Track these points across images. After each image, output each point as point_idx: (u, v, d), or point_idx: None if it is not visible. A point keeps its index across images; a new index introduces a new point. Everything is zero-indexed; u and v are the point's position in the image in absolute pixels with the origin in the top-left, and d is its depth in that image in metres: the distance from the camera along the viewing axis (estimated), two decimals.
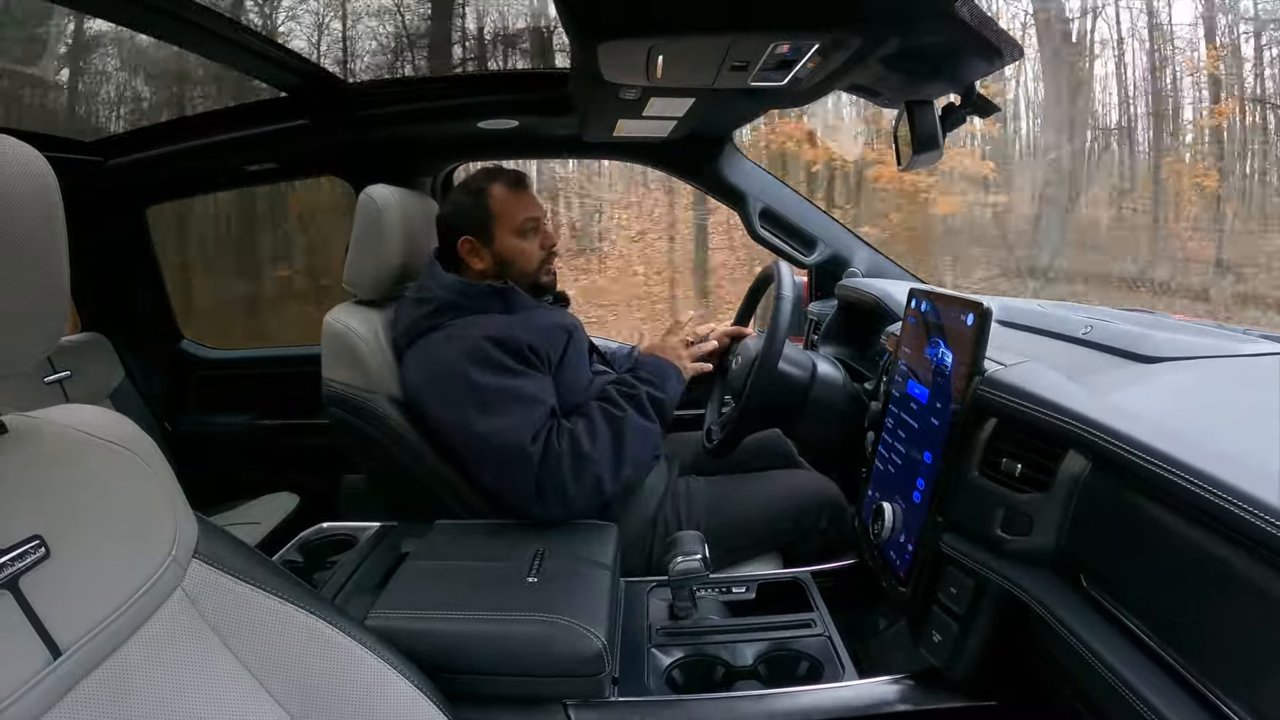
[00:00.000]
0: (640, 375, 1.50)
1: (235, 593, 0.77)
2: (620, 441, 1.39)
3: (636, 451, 1.41)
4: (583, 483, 1.35)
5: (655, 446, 1.47)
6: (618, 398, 1.45)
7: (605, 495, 1.38)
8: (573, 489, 1.34)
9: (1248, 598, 0.61)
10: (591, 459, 1.35)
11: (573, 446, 1.36)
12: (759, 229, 2.29)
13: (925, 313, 1.18)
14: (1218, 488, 0.63)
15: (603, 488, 1.36)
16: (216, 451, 2.66)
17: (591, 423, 1.41)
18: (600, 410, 1.43)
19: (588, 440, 1.37)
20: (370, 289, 1.61)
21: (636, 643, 1.19)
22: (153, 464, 0.75)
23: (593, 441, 1.37)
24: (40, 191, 0.58)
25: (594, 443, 1.37)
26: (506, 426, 1.36)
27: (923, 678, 1.07)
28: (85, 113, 6.05)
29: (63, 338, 0.66)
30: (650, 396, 1.46)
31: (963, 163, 7.05)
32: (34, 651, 0.58)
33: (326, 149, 2.36)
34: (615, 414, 1.42)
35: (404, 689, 0.87)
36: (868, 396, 1.52)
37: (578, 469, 1.34)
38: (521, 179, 1.62)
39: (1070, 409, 0.86)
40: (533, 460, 1.34)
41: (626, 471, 1.40)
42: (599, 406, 1.45)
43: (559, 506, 1.35)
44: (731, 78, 1.40)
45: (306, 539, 1.52)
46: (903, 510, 1.13)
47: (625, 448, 1.39)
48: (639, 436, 1.41)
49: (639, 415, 1.43)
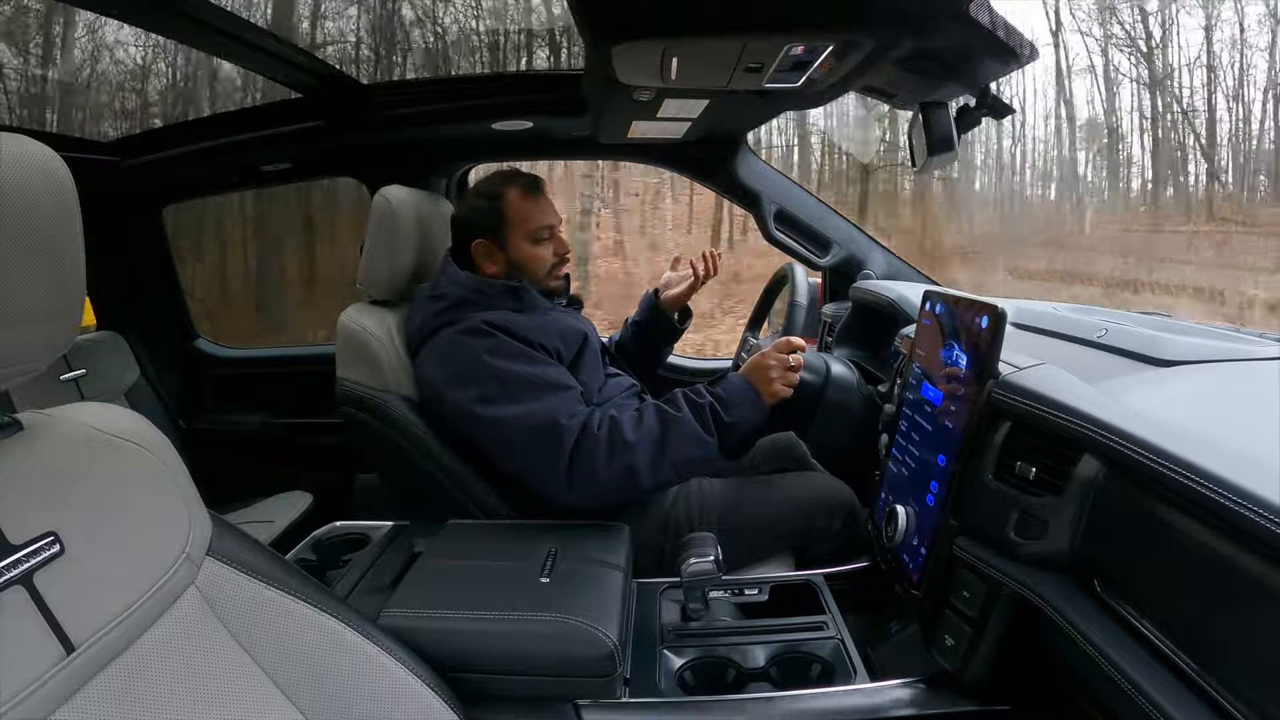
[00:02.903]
0: (715, 390, 1.45)
1: (248, 590, 0.77)
2: (666, 440, 1.37)
3: (682, 455, 1.37)
4: (615, 468, 1.33)
5: (707, 459, 1.41)
6: (680, 400, 1.43)
7: (640, 489, 1.36)
8: (605, 474, 1.33)
9: (1263, 603, 0.60)
10: (630, 448, 1.34)
11: (612, 431, 1.35)
12: (773, 230, 2.28)
13: (940, 315, 1.17)
14: (1233, 492, 0.63)
15: (638, 480, 1.34)
16: (231, 450, 2.68)
17: (640, 415, 1.40)
18: (655, 407, 1.42)
19: (631, 429, 1.36)
20: (384, 289, 1.62)
21: (648, 643, 1.19)
22: (167, 462, 0.76)
23: (635, 432, 1.36)
24: (58, 192, 0.59)
25: (637, 433, 1.36)
26: (539, 409, 1.35)
27: (935, 681, 1.07)
28: (103, 113, 6.11)
29: (78, 336, 0.66)
30: (713, 411, 1.41)
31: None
32: (47, 647, 0.58)
33: (342, 150, 2.38)
34: (669, 413, 1.40)
35: (416, 688, 0.87)
36: (881, 399, 1.51)
37: (613, 454, 1.33)
38: (538, 184, 1.62)
39: (1085, 412, 0.85)
40: (568, 437, 1.33)
41: (666, 473, 1.37)
42: (654, 404, 1.43)
43: (590, 491, 1.34)
44: (746, 79, 1.40)
45: (320, 537, 1.52)
46: (916, 513, 1.13)
47: (670, 448, 1.36)
48: (689, 443, 1.38)
49: (695, 422, 1.39)
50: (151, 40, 5.72)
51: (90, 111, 6.02)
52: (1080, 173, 7.64)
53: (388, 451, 1.50)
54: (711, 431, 1.39)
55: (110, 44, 5.90)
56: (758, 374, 1.47)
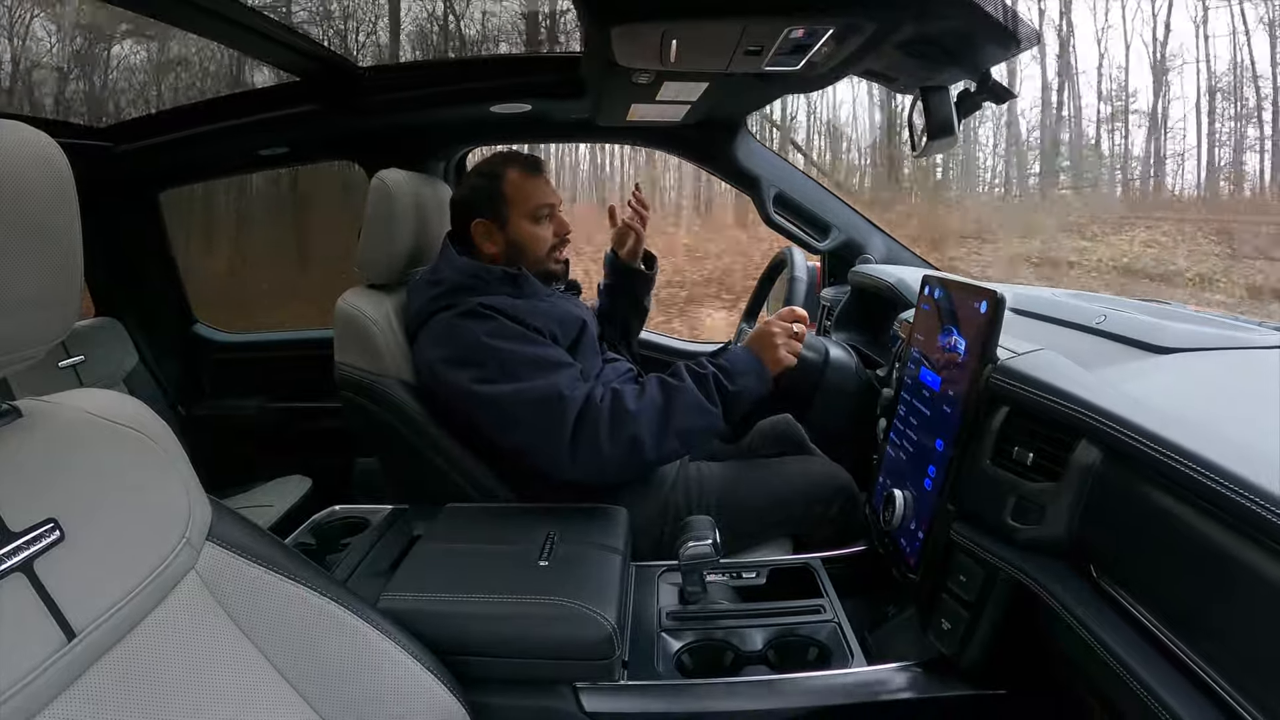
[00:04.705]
0: (718, 361, 1.44)
1: (248, 575, 0.78)
2: (669, 410, 1.35)
3: (686, 425, 1.36)
4: (618, 440, 1.33)
5: (712, 430, 1.40)
6: (682, 371, 1.42)
7: (644, 461, 1.36)
8: (608, 446, 1.32)
9: (1258, 591, 0.60)
10: (633, 418, 1.33)
11: (615, 403, 1.35)
12: (773, 214, 2.27)
13: (939, 300, 1.17)
14: (1229, 479, 0.63)
15: (642, 451, 1.33)
16: (230, 435, 2.68)
17: (643, 387, 1.39)
18: (657, 379, 1.41)
19: (633, 400, 1.35)
20: (382, 273, 1.61)
21: (647, 626, 1.20)
22: (166, 447, 0.76)
23: (638, 402, 1.35)
24: (54, 177, 0.59)
25: (639, 404, 1.35)
26: (541, 384, 1.35)
27: (931, 665, 1.08)
28: (97, 97, 6.07)
29: (76, 322, 0.66)
30: (716, 381, 1.40)
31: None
32: (48, 634, 0.58)
33: (339, 133, 2.37)
34: (671, 384, 1.39)
35: (415, 670, 0.88)
36: (880, 383, 1.51)
37: (616, 425, 1.33)
38: (538, 164, 1.61)
39: (1083, 398, 0.85)
40: (570, 409, 1.33)
41: (671, 444, 1.36)
42: (656, 376, 1.43)
43: (594, 464, 1.33)
44: (745, 62, 1.39)
45: (319, 522, 1.53)
46: (914, 498, 1.13)
47: (674, 417, 1.35)
48: (693, 412, 1.36)
49: (699, 392, 1.38)
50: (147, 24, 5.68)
51: (84, 96, 5.99)
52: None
53: (386, 435, 1.50)
54: (715, 401, 1.38)
55: (104, 28, 5.86)
56: (761, 342, 1.46)
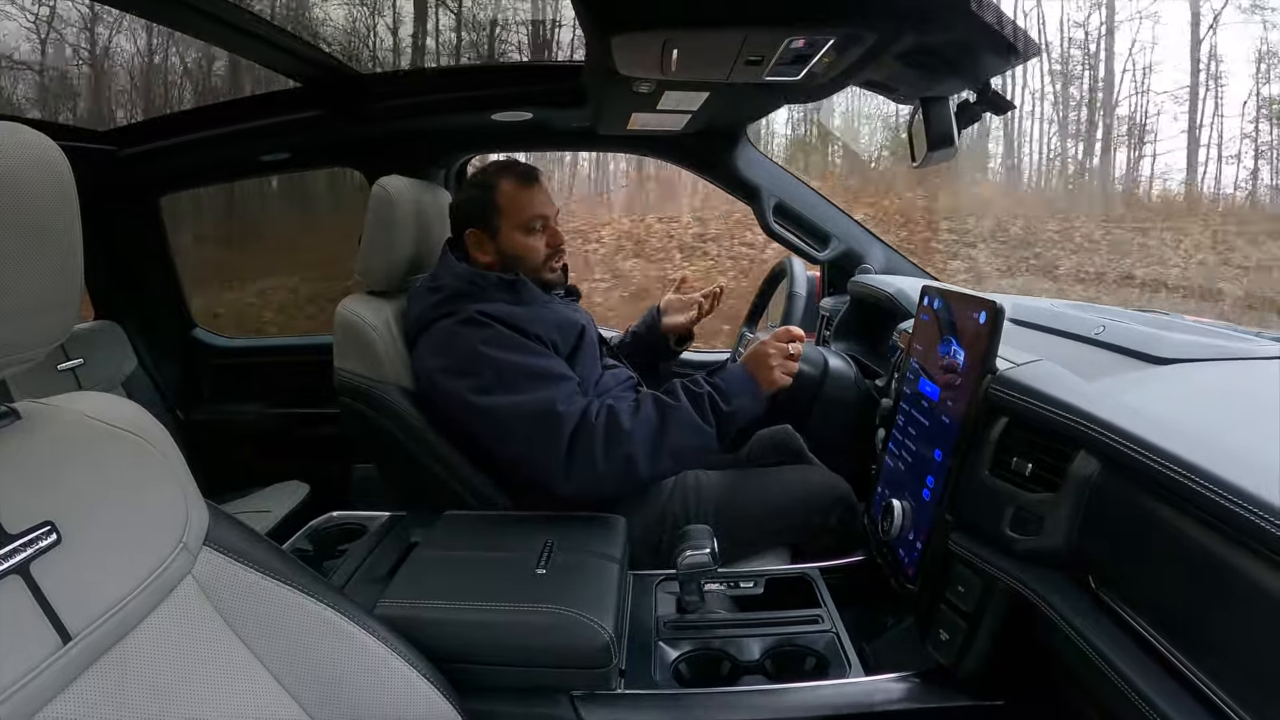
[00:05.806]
0: (714, 380, 1.45)
1: (245, 580, 0.77)
2: (664, 429, 1.36)
3: (679, 444, 1.37)
4: (613, 457, 1.33)
5: (705, 450, 1.41)
6: (679, 389, 1.43)
7: (638, 478, 1.36)
8: (602, 463, 1.33)
9: (1258, 602, 0.60)
10: (628, 436, 1.34)
11: (610, 420, 1.35)
12: (772, 224, 2.28)
13: (938, 310, 1.18)
14: (1228, 490, 0.63)
15: (636, 469, 1.34)
16: (228, 439, 2.67)
17: (638, 405, 1.39)
18: (652, 397, 1.42)
19: (628, 418, 1.36)
20: (382, 279, 1.62)
21: (644, 636, 1.19)
22: (165, 451, 0.76)
23: (633, 420, 1.36)
24: (55, 180, 0.59)
25: (634, 422, 1.35)
26: (537, 398, 1.35)
27: (929, 676, 1.07)
28: (99, 101, 6.08)
29: (76, 325, 0.66)
30: (711, 401, 1.41)
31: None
32: (44, 636, 0.58)
33: (340, 140, 2.37)
34: (667, 402, 1.40)
35: (411, 677, 0.87)
36: (879, 393, 1.51)
37: (610, 443, 1.33)
38: (533, 174, 1.61)
39: (1082, 409, 0.85)
40: (565, 425, 1.33)
41: (664, 462, 1.37)
42: (651, 394, 1.43)
43: (588, 480, 1.34)
44: (746, 72, 1.40)
45: (316, 528, 1.53)
46: (912, 508, 1.13)
47: (667, 437, 1.36)
48: (687, 432, 1.37)
49: (694, 411, 1.39)
50: (150, 29, 5.70)
51: (87, 100, 6.00)
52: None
53: (385, 442, 1.49)
54: (710, 421, 1.39)
55: (108, 32, 5.88)
56: (757, 362, 1.46)
